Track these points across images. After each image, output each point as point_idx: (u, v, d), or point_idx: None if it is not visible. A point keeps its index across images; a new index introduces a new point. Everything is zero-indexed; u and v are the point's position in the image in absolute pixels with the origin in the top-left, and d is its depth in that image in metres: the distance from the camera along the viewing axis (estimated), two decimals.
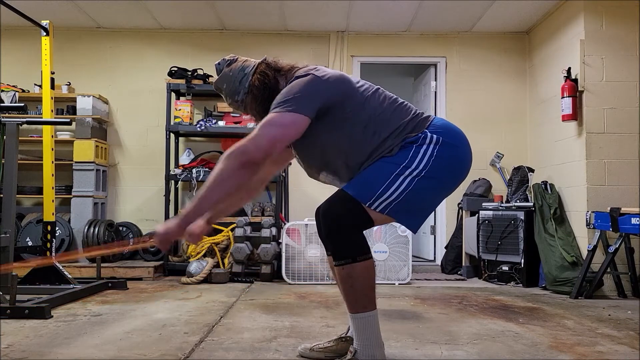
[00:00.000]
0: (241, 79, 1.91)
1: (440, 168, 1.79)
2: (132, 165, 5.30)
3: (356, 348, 1.80)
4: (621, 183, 4.07)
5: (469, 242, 4.83)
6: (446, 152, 1.80)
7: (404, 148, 1.80)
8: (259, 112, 1.92)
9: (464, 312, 3.10)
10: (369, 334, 1.78)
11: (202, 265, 4.30)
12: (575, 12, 4.29)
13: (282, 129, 1.72)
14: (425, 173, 1.77)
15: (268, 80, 1.89)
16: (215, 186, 1.69)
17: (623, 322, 2.93)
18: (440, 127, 1.85)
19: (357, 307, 1.79)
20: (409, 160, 1.78)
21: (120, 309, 3.08)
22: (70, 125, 3.84)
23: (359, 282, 1.75)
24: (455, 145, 1.85)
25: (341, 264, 1.76)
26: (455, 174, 1.87)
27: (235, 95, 1.93)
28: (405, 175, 1.76)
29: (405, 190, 1.76)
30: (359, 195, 1.77)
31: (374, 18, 5.00)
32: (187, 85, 4.87)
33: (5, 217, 3.19)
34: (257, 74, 1.90)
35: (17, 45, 5.26)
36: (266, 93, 1.88)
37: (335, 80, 1.81)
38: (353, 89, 1.85)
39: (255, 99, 1.90)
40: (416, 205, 1.80)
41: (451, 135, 1.85)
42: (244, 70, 1.91)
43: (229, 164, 1.69)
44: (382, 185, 1.76)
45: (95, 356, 2.11)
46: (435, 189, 1.83)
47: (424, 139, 1.80)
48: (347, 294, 1.80)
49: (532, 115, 5.19)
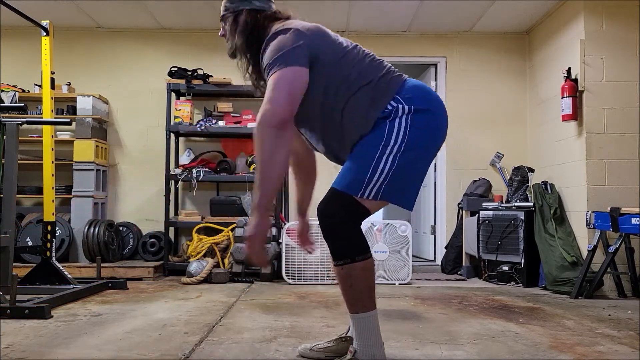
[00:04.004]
0: (243, 0, 1.92)
1: (417, 137, 1.76)
2: (132, 165, 5.30)
3: (356, 348, 1.79)
4: (621, 183, 4.07)
5: (469, 242, 4.83)
6: (419, 119, 1.77)
7: (377, 126, 1.77)
8: (232, 36, 1.93)
9: (464, 312, 3.10)
10: (369, 334, 1.78)
11: (202, 265, 4.30)
12: (575, 12, 4.29)
13: (290, 82, 1.70)
14: (404, 147, 1.74)
15: (254, 25, 1.89)
16: (268, 161, 1.67)
17: (623, 322, 2.93)
18: (411, 91, 1.80)
19: (356, 307, 1.78)
20: (385, 138, 1.75)
21: (120, 309, 3.08)
22: (70, 125, 3.84)
23: (358, 281, 1.75)
24: (427, 109, 1.79)
25: (340, 263, 1.75)
26: (433, 139, 1.83)
27: (229, 2, 1.95)
28: (387, 154, 1.74)
29: (390, 170, 1.73)
30: (348, 188, 1.75)
31: (374, 18, 5.00)
32: (187, 85, 4.87)
33: (5, 217, 3.19)
34: (253, 12, 1.90)
35: (17, 45, 5.26)
36: (246, 31, 1.88)
37: (316, 32, 1.81)
38: (332, 41, 1.84)
39: (235, 23, 1.92)
40: (404, 181, 1.78)
41: (421, 99, 1.80)
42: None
43: (263, 134, 1.67)
44: (368, 171, 1.74)
45: (95, 356, 2.10)
46: (418, 159, 1.79)
47: (396, 111, 1.77)
48: (346, 294, 1.79)
49: (532, 115, 5.19)
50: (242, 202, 4.83)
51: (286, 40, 1.74)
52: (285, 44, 1.74)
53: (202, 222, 4.73)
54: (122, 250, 4.93)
